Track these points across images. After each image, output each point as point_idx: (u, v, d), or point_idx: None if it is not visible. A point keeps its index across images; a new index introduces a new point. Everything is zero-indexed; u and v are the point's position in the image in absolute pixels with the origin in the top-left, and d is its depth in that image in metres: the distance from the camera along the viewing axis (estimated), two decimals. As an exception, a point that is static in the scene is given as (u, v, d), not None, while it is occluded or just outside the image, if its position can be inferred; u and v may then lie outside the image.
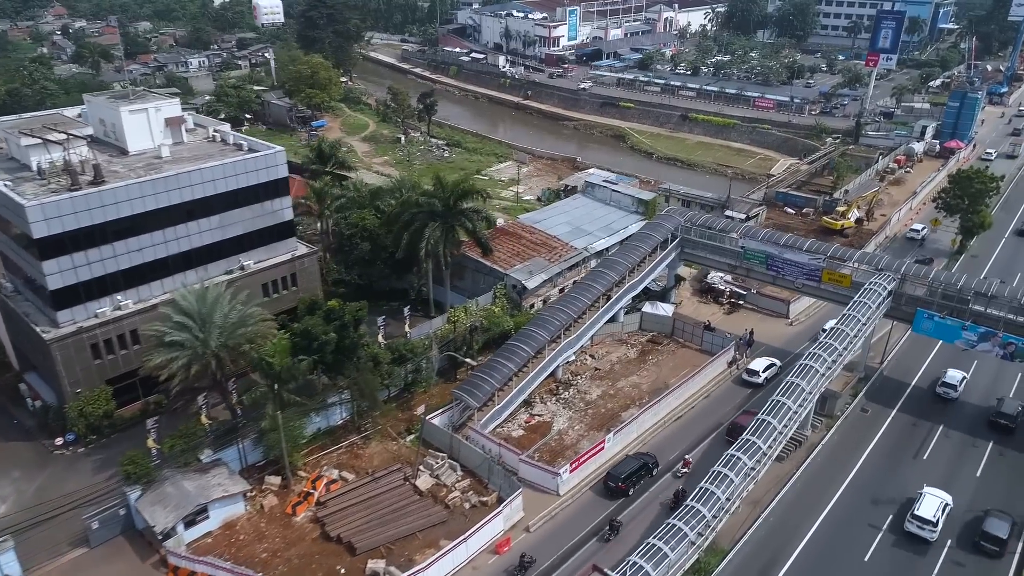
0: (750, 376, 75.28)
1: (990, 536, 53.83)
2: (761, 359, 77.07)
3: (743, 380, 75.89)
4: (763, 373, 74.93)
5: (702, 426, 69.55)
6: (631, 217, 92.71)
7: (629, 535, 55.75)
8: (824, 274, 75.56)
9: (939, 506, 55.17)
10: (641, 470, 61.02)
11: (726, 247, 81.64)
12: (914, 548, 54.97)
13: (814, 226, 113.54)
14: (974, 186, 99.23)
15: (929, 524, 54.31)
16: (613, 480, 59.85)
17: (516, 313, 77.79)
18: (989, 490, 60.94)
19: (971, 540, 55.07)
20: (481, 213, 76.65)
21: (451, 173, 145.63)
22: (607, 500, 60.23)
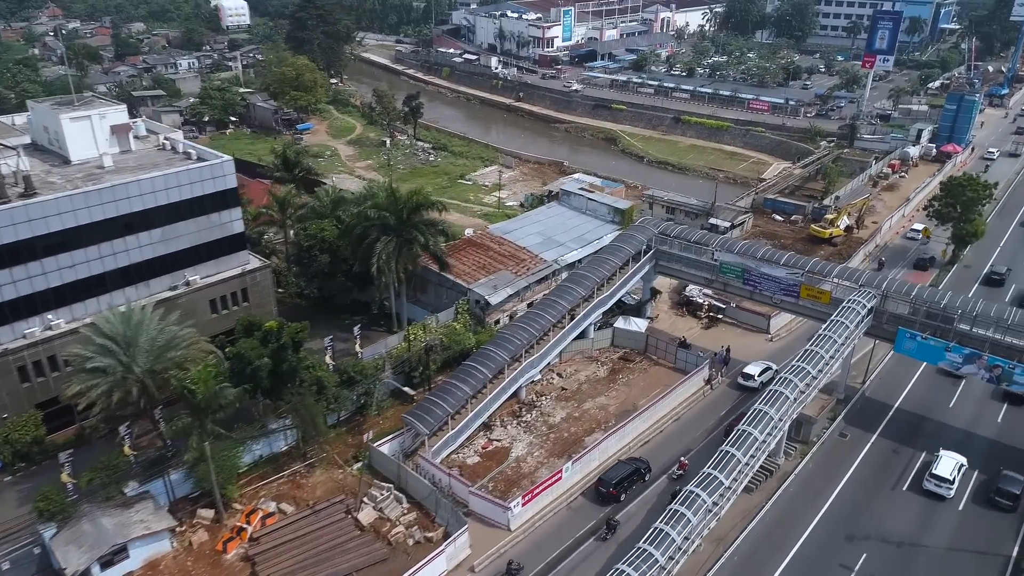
0: (745, 380, 72.93)
1: (1004, 492, 57.94)
2: (757, 363, 74.78)
3: (738, 384, 73.48)
4: (758, 377, 72.41)
5: (699, 429, 67.38)
6: (607, 227, 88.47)
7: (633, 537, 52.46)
8: (802, 289, 71.22)
9: (955, 466, 59.60)
10: (633, 475, 59.49)
11: (702, 260, 77.34)
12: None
13: (802, 234, 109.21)
14: (966, 194, 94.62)
15: (946, 482, 58.44)
16: (604, 485, 58.27)
17: (480, 330, 73.63)
18: (973, 527, 56.64)
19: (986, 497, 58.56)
20: (436, 226, 72.34)
21: (433, 178, 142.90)
22: (599, 505, 58.37)
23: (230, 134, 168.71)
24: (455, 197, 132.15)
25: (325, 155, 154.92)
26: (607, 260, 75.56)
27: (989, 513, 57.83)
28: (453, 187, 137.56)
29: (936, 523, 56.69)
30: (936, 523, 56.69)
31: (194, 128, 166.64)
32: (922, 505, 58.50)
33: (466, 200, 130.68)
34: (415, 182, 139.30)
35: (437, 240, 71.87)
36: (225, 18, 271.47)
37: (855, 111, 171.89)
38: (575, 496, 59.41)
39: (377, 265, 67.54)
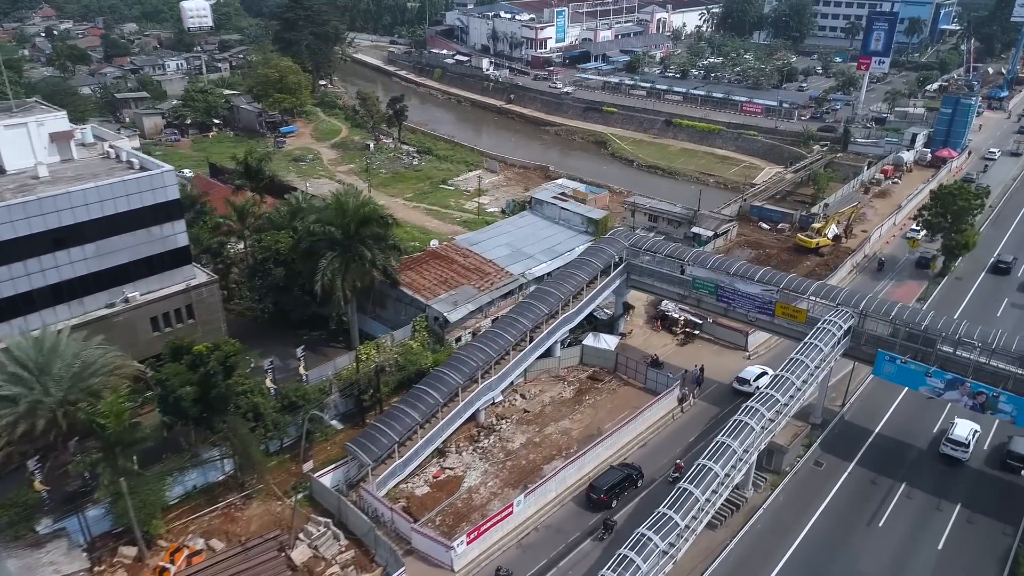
0: (740, 385, 70.38)
1: (1016, 455, 60.97)
2: (753, 367, 72.67)
3: (734, 389, 70.72)
4: (755, 382, 69.33)
5: (665, 456, 63.28)
6: (579, 238, 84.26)
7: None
8: (777, 307, 66.95)
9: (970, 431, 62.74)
10: (624, 481, 58.08)
11: (674, 275, 73.07)
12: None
13: (789, 243, 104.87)
14: (957, 203, 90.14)
15: (961, 446, 61.57)
16: (595, 492, 56.88)
17: (438, 348, 69.46)
18: (951, 565, 52.32)
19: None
20: (386, 241, 68.04)
21: (415, 182, 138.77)
22: (589, 512, 56.89)
23: (213, 137, 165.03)
24: (435, 203, 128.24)
25: (307, 159, 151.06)
26: (573, 275, 71.38)
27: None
28: (434, 192, 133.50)
29: (914, 565, 52.38)
30: (914, 565, 52.38)
31: (176, 131, 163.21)
32: (900, 542, 54.17)
33: (446, 206, 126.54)
34: (396, 187, 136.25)
35: (387, 255, 67.44)
36: (186, 19, 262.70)
37: (850, 114, 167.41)
38: (527, 532, 55.24)
39: (321, 283, 63.29)
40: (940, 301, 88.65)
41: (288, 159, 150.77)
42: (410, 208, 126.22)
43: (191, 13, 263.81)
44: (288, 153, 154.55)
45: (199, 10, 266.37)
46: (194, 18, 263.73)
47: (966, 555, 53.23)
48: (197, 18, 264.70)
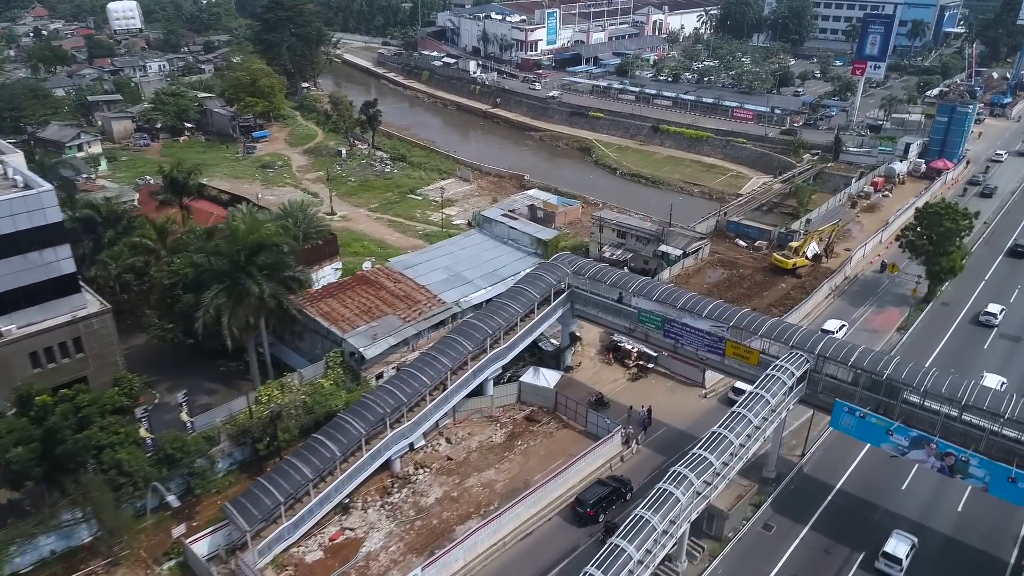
0: (737, 395, 65.80)
1: None
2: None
3: (729, 399, 66.98)
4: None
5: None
6: (527, 260, 76.84)
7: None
8: (728, 346, 59.21)
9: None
10: (612, 495, 55.35)
11: (620, 306, 65.43)
12: None
13: (766, 263, 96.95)
14: (943, 224, 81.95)
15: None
16: (581, 506, 54.19)
17: (355, 387, 62.12)
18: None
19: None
20: (282, 271, 60.53)
21: (382, 191, 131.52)
22: (575, 527, 53.98)
23: (184, 141, 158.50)
24: (400, 214, 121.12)
25: (275, 165, 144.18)
26: (506, 306, 63.88)
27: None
28: (401, 203, 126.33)
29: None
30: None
31: (146, 135, 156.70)
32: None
33: (411, 218, 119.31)
34: (362, 197, 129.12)
35: (283, 288, 59.88)
36: (112, 21, 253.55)
37: (844, 121, 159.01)
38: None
39: (203, 320, 56.00)
40: (922, 331, 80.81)
41: (256, 165, 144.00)
42: (373, 219, 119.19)
43: (117, 15, 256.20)
44: (257, 159, 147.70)
45: (126, 11, 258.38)
46: (120, 19, 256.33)
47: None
48: (124, 19, 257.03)
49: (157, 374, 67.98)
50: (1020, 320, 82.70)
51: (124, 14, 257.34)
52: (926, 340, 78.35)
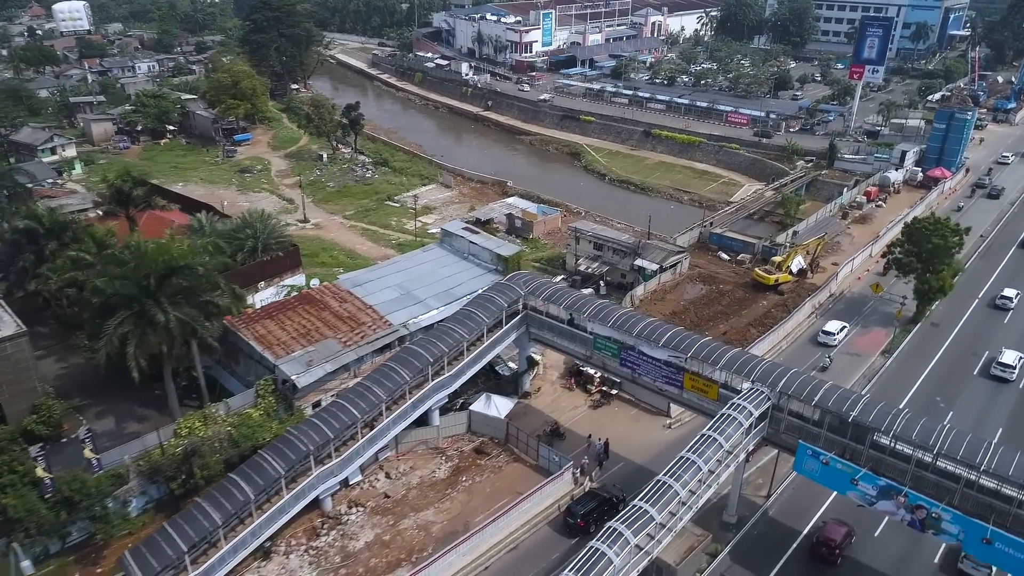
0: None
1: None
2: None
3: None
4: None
5: (544, 559, 51.15)
6: (486, 277, 71.89)
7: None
8: (686, 379, 54.21)
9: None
10: (604, 506, 52.99)
11: (576, 331, 60.51)
12: None
13: (748, 277, 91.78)
14: (932, 241, 76.60)
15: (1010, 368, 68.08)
16: (572, 516, 52.33)
17: (287, 417, 57.40)
18: None
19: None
20: (199, 296, 55.65)
21: (359, 198, 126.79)
22: (565, 538, 52.00)
23: (165, 144, 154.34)
24: (375, 222, 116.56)
25: (254, 170, 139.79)
26: (452, 331, 59.01)
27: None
28: (378, 209, 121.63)
29: None
30: None
31: (126, 138, 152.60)
32: None
33: (386, 226, 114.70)
34: (339, 203, 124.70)
35: (200, 314, 54.96)
36: (59, 22, 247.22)
37: (841, 126, 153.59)
38: None
39: (106, 351, 51.34)
40: (908, 355, 75.55)
41: (234, 170, 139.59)
42: (346, 228, 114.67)
43: (63, 16, 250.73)
44: (237, 163, 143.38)
45: (72, 12, 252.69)
46: (67, 21, 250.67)
47: None
48: (70, 20, 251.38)
49: (91, 397, 63.61)
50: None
51: (71, 15, 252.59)
52: (911, 366, 73.12)
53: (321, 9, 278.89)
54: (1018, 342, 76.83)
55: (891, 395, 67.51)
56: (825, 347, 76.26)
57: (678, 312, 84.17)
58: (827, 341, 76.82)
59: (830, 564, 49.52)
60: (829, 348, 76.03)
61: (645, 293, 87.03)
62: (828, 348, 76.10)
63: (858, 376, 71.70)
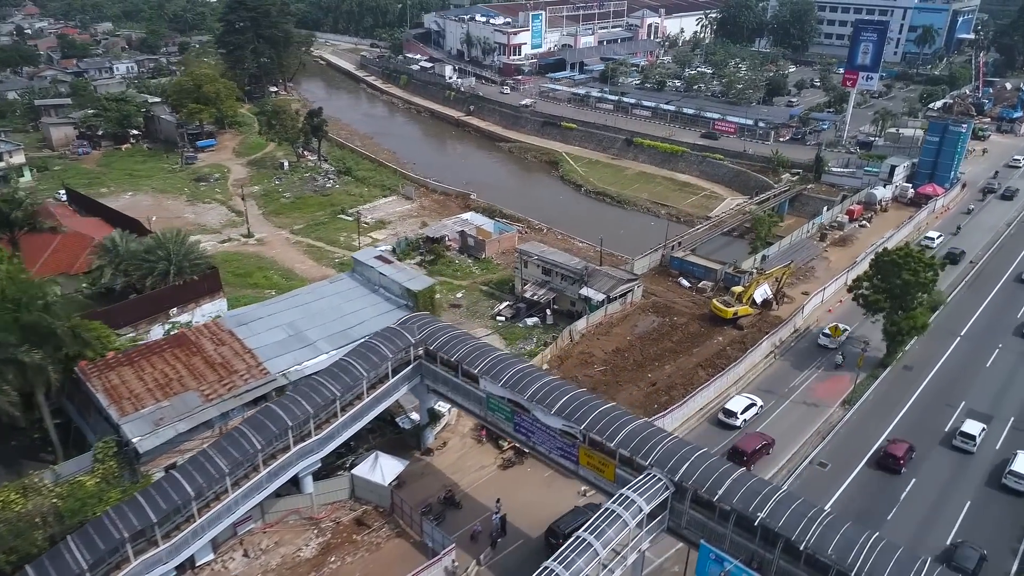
0: (727, 417, 62.59)
1: None
2: (740, 397, 64.42)
3: (719, 421, 62.73)
4: (742, 415, 62.27)
5: None
6: (395, 313, 63.20)
7: None
8: (581, 454, 45.40)
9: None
10: None
11: (470, 388, 51.81)
12: None
13: (706, 309, 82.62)
14: (901, 275, 67.11)
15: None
16: (555, 536, 47.89)
17: (131, 484, 49.09)
18: None
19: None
20: (42, 332, 46.93)
21: (314, 210, 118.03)
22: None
23: (126, 150, 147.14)
24: (323, 237, 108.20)
25: (211, 178, 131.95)
26: (324, 386, 50.43)
27: None
28: (330, 223, 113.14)
29: None
30: None
31: (86, 143, 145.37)
32: None
33: (334, 242, 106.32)
34: (290, 216, 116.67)
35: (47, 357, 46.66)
36: None
37: (834, 136, 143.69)
38: None
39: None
40: (874, 405, 66.41)
41: (191, 178, 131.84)
42: (291, 244, 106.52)
43: None
44: (195, 171, 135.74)
45: None
46: None
47: None
48: None
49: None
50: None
51: None
52: (873, 421, 63.82)
53: (314, 9, 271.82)
54: (999, 391, 67.39)
55: (844, 459, 58.60)
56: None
57: (622, 349, 75.28)
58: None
59: (894, 473, 57.17)
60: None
61: (588, 326, 78.10)
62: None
63: (812, 432, 62.54)
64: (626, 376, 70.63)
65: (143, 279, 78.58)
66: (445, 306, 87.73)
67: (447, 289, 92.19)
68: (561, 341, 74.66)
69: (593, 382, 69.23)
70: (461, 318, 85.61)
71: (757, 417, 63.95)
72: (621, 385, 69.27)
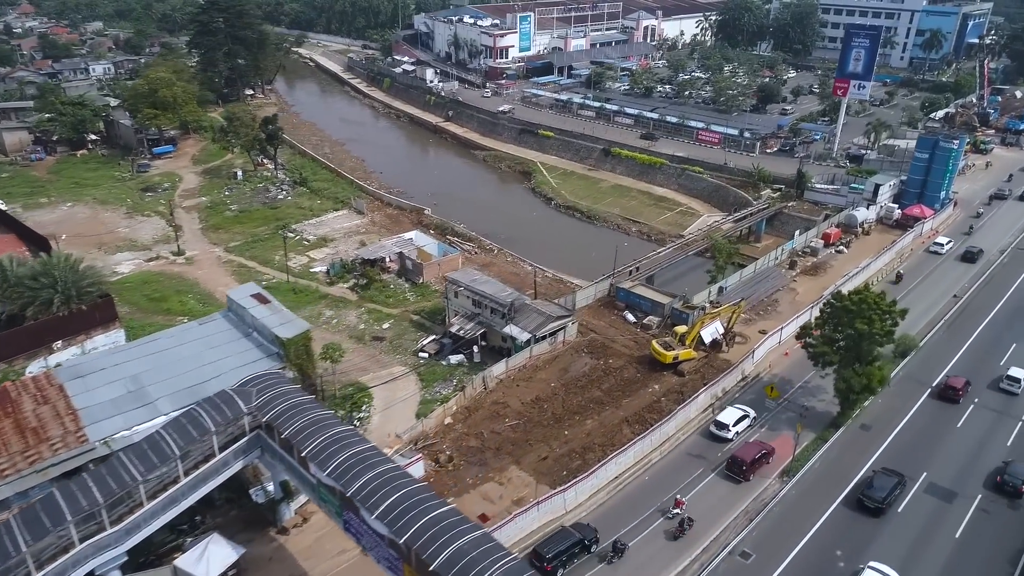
0: (719, 430, 59.59)
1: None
2: (732, 409, 61.02)
3: (711, 434, 59.82)
4: (733, 427, 59.24)
5: None
6: (262, 363, 54.18)
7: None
8: (405, 570, 36.01)
9: None
10: (575, 547, 47.29)
11: (303, 472, 42.63)
12: None
13: (648, 350, 72.87)
14: (854, 325, 57.09)
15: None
16: (539, 559, 46.09)
17: None
18: None
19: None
20: None
21: (257, 224, 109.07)
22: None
23: (82, 156, 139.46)
24: (257, 256, 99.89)
25: (160, 188, 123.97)
26: (124, 469, 41.43)
27: None
28: (269, 240, 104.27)
29: None
30: None
31: (41, 148, 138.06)
32: None
33: (267, 262, 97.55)
34: (229, 231, 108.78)
35: None
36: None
37: (823, 148, 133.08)
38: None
39: None
40: (818, 476, 56.43)
41: (139, 187, 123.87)
42: (221, 263, 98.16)
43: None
44: (146, 180, 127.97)
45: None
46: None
47: None
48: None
49: None
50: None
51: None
52: (814, 499, 53.85)
53: (308, 9, 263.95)
54: (966, 463, 57.31)
55: (771, 550, 48.67)
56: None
57: (543, 398, 65.88)
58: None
59: (953, 403, 63.51)
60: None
61: (509, 370, 68.68)
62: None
63: (737, 512, 52.71)
64: (539, 433, 61.23)
65: (25, 308, 70.67)
66: (366, 338, 79.15)
67: (374, 319, 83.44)
68: (472, 389, 65.27)
69: (500, 440, 60.14)
70: (381, 353, 76.92)
71: (750, 428, 60.66)
72: (531, 444, 59.92)
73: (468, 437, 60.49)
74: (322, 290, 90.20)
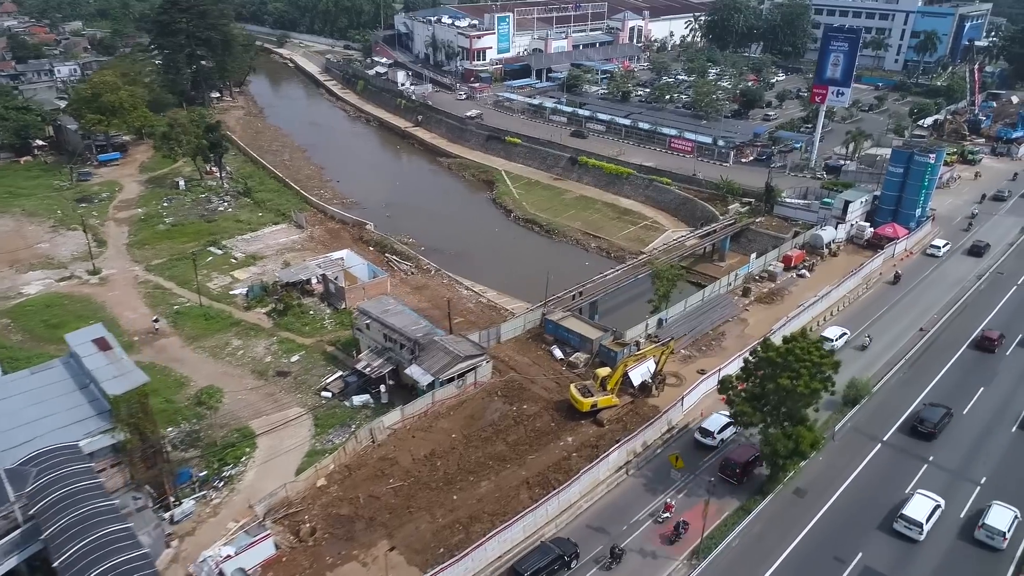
0: (703, 437, 56.86)
1: None
2: (718, 416, 58.08)
3: (695, 441, 56.76)
4: (719, 434, 56.40)
5: None
6: (88, 425, 46.03)
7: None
8: None
9: None
10: (555, 563, 44.79)
11: None
12: None
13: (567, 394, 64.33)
14: (778, 380, 48.44)
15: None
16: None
17: None
18: None
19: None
20: None
21: (188, 239, 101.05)
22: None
23: (25, 163, 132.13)
24: (177, 276, 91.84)
25: (97, 199, 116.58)
26: None
27: None
28: (200, 257, 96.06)
29: None
30: None
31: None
32: None
33: (186, 283, 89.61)
34: (156, 247, 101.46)
35: None
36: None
37: (801, 158, 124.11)
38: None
39: None
40: (737, 556, 47.70)
41: (75, 198, 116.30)
42: (136, 284, 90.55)
43: None
44: (84, 189, 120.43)
45: None
46: None
47: None
48: None
49: None
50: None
51: None
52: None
53: (292, 8, 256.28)
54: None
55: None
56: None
57: (438, 453, 57.68)
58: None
59: (989, 352, 68.10)
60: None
61: (404, 419, 60.41)
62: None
63: (632, 608, 44.36)
64: (424, 498, 53.01)
65: None
66: (270, 374, 71.35)
67: (284, 350, 75.52)
68: (356, 443, 57.05)
69: (377, 507, 51.99)
70: (281, 391, 68.98)
71: (735, 435, 57.84)
72: (412, 512, 51.70)
73: (341, 503, 52.35)
74: (236, 316, 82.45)
